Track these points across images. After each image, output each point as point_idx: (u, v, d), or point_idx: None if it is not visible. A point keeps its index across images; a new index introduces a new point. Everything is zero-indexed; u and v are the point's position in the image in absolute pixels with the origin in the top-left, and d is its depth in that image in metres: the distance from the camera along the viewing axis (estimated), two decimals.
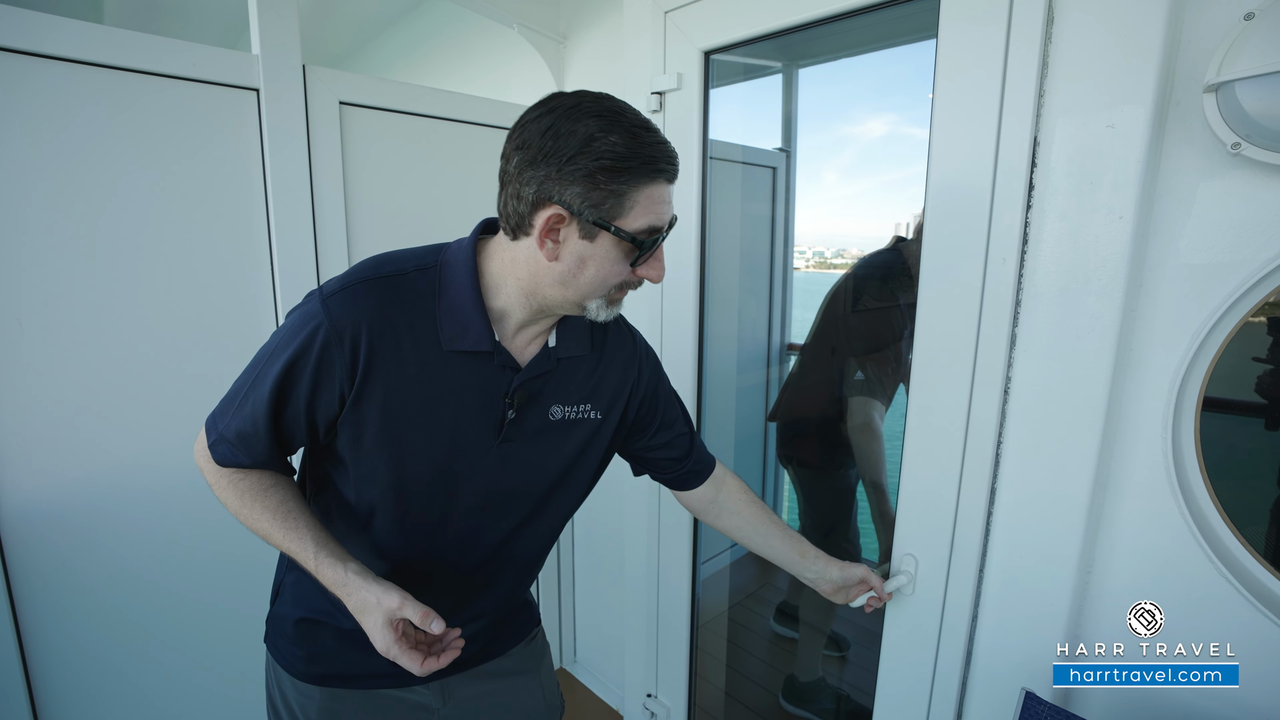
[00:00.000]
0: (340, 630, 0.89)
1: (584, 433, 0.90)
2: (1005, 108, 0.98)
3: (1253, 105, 0.77)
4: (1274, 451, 1.03)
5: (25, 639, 1.22)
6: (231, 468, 0.82)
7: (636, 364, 0.96)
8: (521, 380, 0.83)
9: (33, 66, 1.12)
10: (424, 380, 0.78)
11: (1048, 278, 0.99)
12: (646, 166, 0.70)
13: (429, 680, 0.95)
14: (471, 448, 0.83)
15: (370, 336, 0.75)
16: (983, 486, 1.08)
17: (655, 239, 0.75)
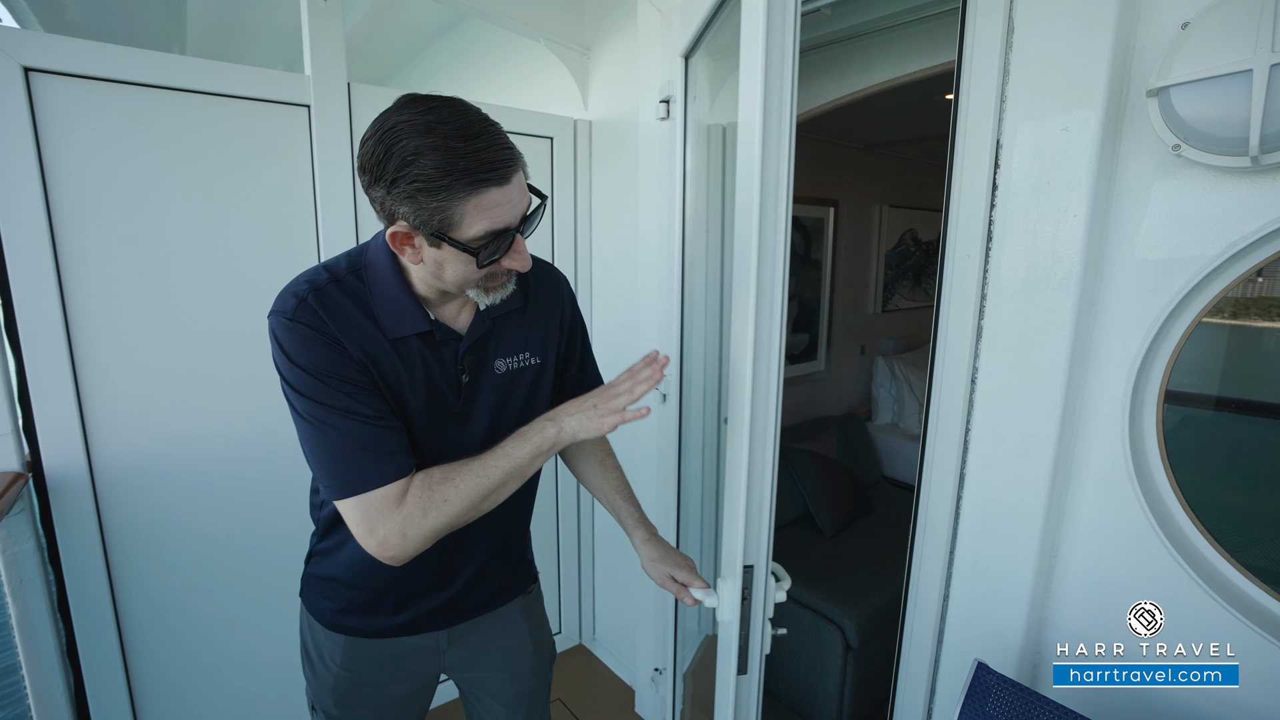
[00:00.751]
0: (358, 590, 1.02)
1: (528, 378, 0.98)
2: (968, 110, 1.04)
3: (1185, 109, 0.82)
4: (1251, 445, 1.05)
5: (114, 577, 1.44)
6: (401, 479, 0.82)
7: (559, 308, 1.03)
8: (466, 345, 0.90)
9: (126, 92, 1.32)
10: (390, 362, 0.85)
11: (1011, 273, 1.04)
12: (464, 179, 0.71)
13: (440, 628, 1.08)
14: (440, 409, 0.91)
15: (338, 328, 0.82)
16: (953, 476, 1.14)
17: (500, 239, 0.77)
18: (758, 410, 0.84)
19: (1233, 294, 0.92)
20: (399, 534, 0.80)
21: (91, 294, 1.34)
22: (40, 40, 1.23)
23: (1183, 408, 1.00)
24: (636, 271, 1.77)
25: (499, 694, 1.16)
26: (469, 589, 1.05)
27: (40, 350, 1.30)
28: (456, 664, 1.13)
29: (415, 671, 1.10)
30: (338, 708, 1.07)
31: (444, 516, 0.82)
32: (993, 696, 0.97)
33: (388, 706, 1.10)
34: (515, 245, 0.80)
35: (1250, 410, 1.04)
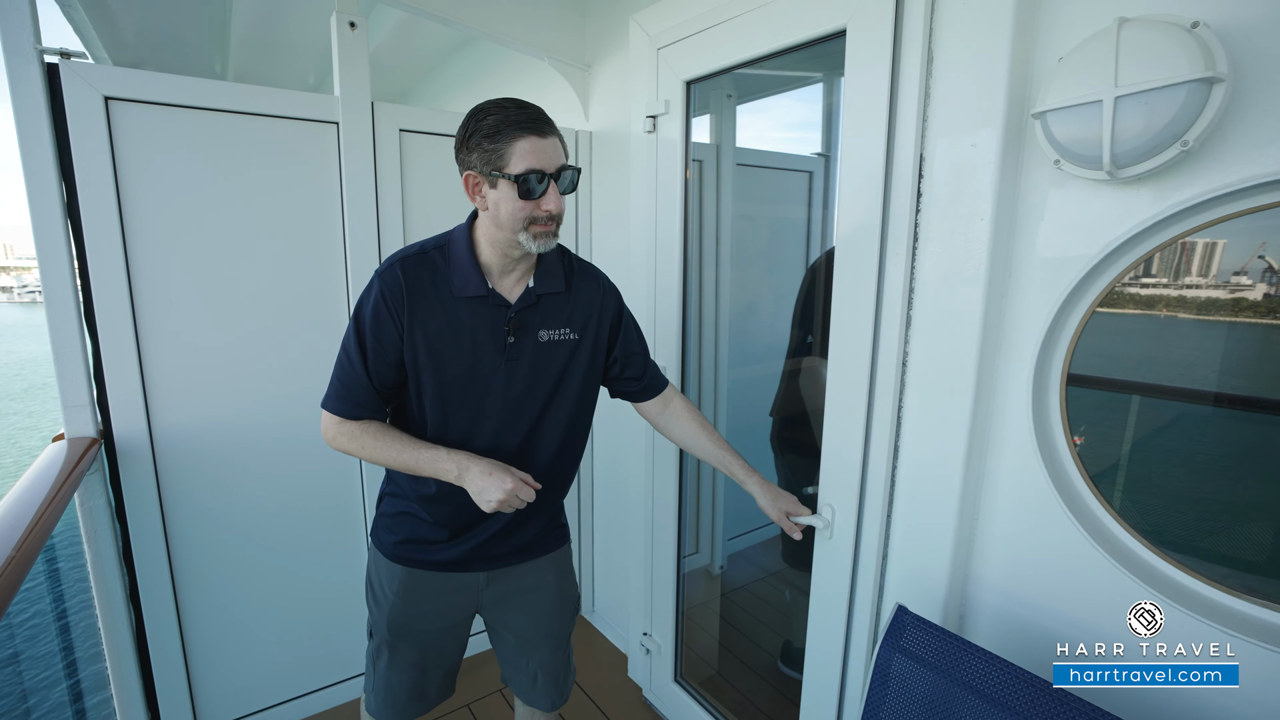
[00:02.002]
0: (420, 520, 1.25)
1: (566, 350, 1.22)
2: (898, 129, 1.20)
3: (1059, 131, 0.97)
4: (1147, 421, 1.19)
5: (169, 530, 1.67)
6: (347, 420, 1.17)
7: (600, 298, 1.27)
8: (513, 313, 1.16)
9: (184, 114, 1.55)
10: (447, 318, 1.14)
11: (933, 269, 1.20)
12: (512, 128, 1.01)
13: (482, 569, 1.30)
14: (486, 364, 1.16)
15: (409, 291, 1.12)
16: (887, 448, 1.29)
17: (540, 176, 1.03)
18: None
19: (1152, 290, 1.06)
20: (330, 439, 1.20)
21: (154, 289, 1.58)
22: (117, 73, 1.46)
23: (1100, 391, 1.15)
24: (629, 269, 1.95)
25: (522, 631, 1.37)
26: (504, 535, 1.27)
27: (113, 336, 1.53)
28: (491, 601, 1.34)
29: (457, 605, 1.32)
30: (391, 634, 1.31)
31: (354, 452, 1.18)
32: (907, 632, 1.13)
33: (432, 637, 1.33)
34: (550, 189, 1.05)
35: (1156, 393, 1.18)
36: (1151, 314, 1.09)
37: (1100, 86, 0.90)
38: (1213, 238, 0.97)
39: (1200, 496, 1.12)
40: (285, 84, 3.69)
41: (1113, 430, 1.18)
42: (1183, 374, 1.13)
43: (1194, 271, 1.01)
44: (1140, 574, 1.03)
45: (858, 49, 1.24)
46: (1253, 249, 0.96)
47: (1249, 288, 0.96)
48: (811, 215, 2.17)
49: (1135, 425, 1.19)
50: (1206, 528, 1.11)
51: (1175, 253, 1.01)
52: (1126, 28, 0.88)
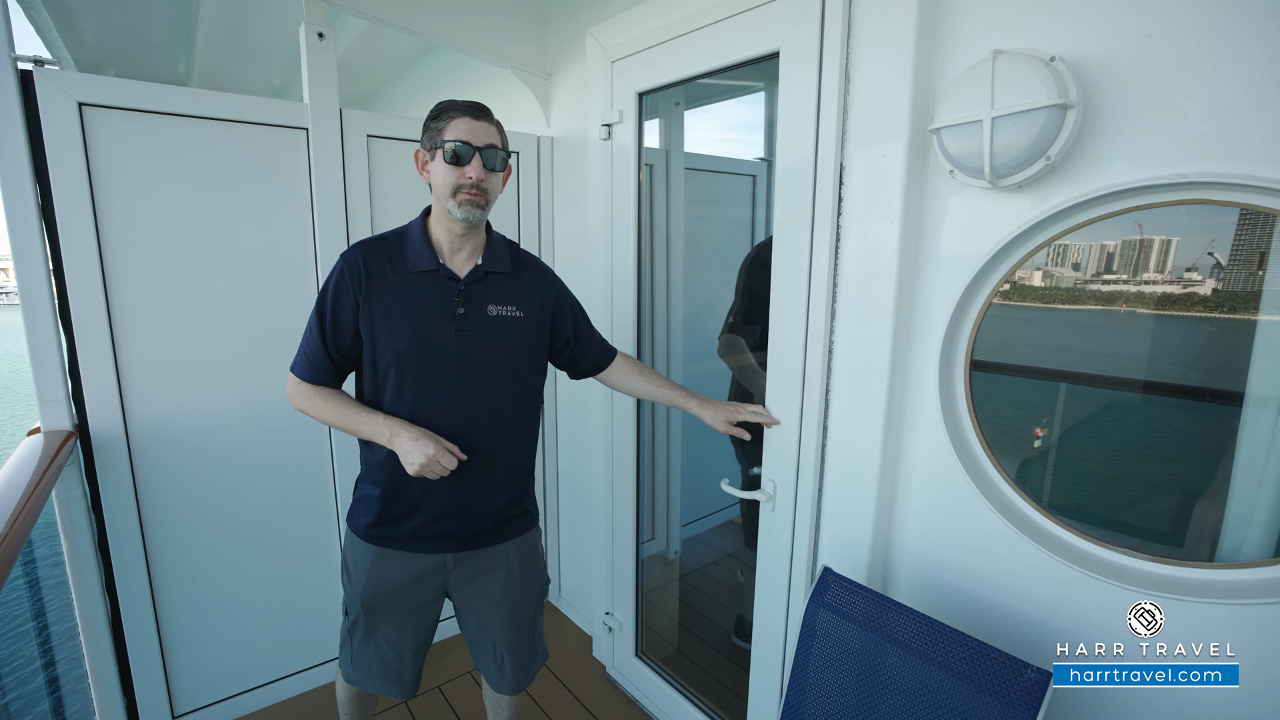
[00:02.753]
0: (377, 499, 1.35)
1: (513, 325, 1.35)
2: (821, 140, 1.34)
3: (950, 145, 1.12)
4: (1038, 402, 1.35)
5: (144, 521, 1.73)
6: (305, 382, 1.32)
7: (544, 286, 1.43)
8: (463, 285, 1.31)
9: (158, 120, 1.62)
10: (403, 290, 1.28)
11: (853, 266, 1.34)
12: (452, 110, 1.25)
13: (450, 550, 1.39)
14: (437, 333, 1.29)
15: (366, 268, 1.28)
16: (817, 427, 1.43)
17: (467, 146, 1.22)
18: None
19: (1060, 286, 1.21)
20: (290, 397, 1.35)
21: (128, 286, 1.64)
22: (90, 80, 1.52)
23: (1002, 376, 1.30)
24: (588, 268, 2.07)
25: (483, 612, 1.46)
26: (457, 513, 1.36)
27: (87, 331, 1.59)
28: (458, 583, 1.43)
29: (426, 585, 1.41)
30: (365, 612, 1.40)
31: (308, 411, 1.33)
32: (830, 590, 1.27)
33: (404, 615, 1.41)
34: (475, 160, 1.23)
35: (1051, 376, 1.35)
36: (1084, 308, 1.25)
37: (980, 108, 1.05)
38: (1145, 235, 1.12)
39: (1118, 474, 1.26)
40: (251, 86, 3.71)
41: (1015, 409, 1.34)
42: (1110, 364, 1.28)
43: (1151, 268, 1.09)
44: (1032, 534, 1.18)
45: (789, 69, 1.38)
46: (1202, 247, 1.03)
47: (1199, 283, 1.04)
48: (756, 216, 2.31)
49: (1036, 404, 1.36)
50: (1120, 500, 1.25)
51: (1135, 250, 1.10)
52: (1000, 59, 1.03)
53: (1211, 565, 1.02)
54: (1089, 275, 1.18)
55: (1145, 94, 0.97)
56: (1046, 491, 1.27)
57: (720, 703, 1.97)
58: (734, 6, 1.47)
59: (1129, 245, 1.11)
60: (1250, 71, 0.88)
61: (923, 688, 1.11)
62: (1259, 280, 1.00)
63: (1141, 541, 1.13)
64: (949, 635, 1.10)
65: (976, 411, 1.29)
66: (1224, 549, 1.07)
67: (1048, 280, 1.22)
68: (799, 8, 1.34)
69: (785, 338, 1.47)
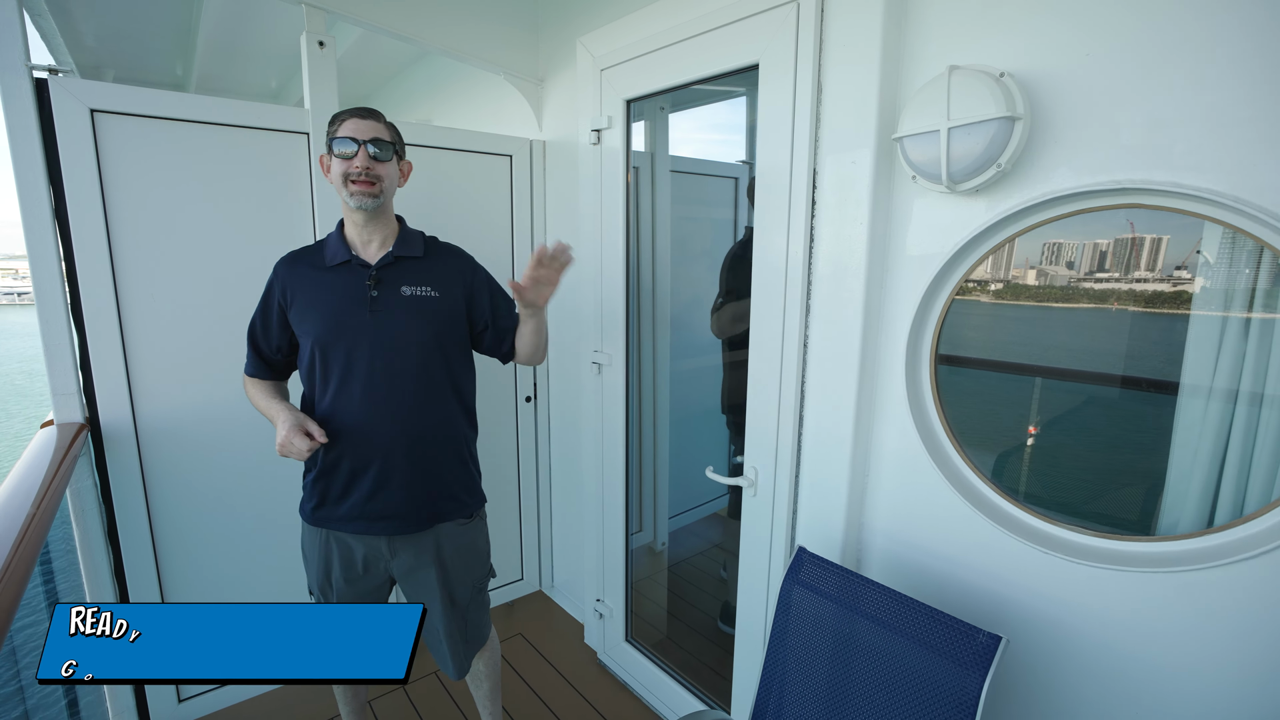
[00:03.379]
0: (320, 481, 1.46)
1: (429, 305, 1.46)
2: (796, 147, 1.43)
3: (912, 153, 1.21)
4: (997, 393, 1.44)
5: (151, 510, 1.80)
6: (247, 376, 1.52)
7: (459, 265, 1.55)
8: (374, 270, 1.44)
9: (166, 126, 1.69)
10: (322, 283, 1.44)
11: (826, 265, 1.43)
12: (343, 115, 1.41)
13: (381, 534, 1.47)
14: (354, 318, 1.41)
15: (289, 272, 1.47)
16: (794, 417, 1.52)
17: (353, 140, 1.37)
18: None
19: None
20: (245, 389, 1.54)
21: (137, 284, 1.71)
22: (102, 88, 1.59)
23: (967, 369, 1.39)
24: (580, 265, 2.15)
25: (425, 603, 1.51)
26: (389, 494, 1.45)
27: (98, 328, 1.66)
28: (399, 573, 1.53)
29: (370, 572, 1.51)
30: (321, 592, 1.51)
31: (250, 399, 1.52)
32: (805, 567, 1.36)
33: (353, 600, 1.52)
34: (360, 153, 1.38)
35: (1004, 368, 1.44)
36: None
37: (938, 119, 1.14)
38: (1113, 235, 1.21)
39: (1093, 465, 1.33)
40: (248, 88, 3.78)
41: (974, 399, 1.44)
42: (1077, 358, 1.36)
43: (1143, 266, 1.12)
44: (990, 514, 1.27)
45: (767, 80, 1.47)
46: (1190, 246, 1.06)
47: (1188, 281, 1.07)
48: (738, 217, 2.40)
49: (995, 395, 1.45)
50: (1091, 489, 1.33)
51: (1126, 249, 1.14)
52: (955, 74, 1.12)
53: (1146, 539, 1.12)
54: (1082, 273, 1.21)
55: (1085, 108, 1.07)
56: (1023, 482, 1.36)
57: (707, 685, 2.06)
58: (716, 20, 1.55)
59: (1121, 244, 1.15)
60: (1173, 90, 0.97)
61: (888, 655, 1.20)
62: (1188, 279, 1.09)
63: (1109, 527, 1.20)
64: (910, 606, 1.19)
65: (942, 401, 1.38)
66: (1162, 526, 1.17)
67: (1042, 279, 1.27)
68: (776, 24, 1.42)
69: (764, 332, 1.55)
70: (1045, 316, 1.33)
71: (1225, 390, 1.07)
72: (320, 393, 1.44)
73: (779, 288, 1.51)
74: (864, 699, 1.22)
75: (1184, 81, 0.96)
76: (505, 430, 2.52)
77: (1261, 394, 1.04)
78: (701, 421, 2.43)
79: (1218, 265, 1.05)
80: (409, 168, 1.52)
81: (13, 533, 1.10)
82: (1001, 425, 1.44)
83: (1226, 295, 1.05)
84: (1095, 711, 1.17)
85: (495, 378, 2.45)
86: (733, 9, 1.51)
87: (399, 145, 1.46)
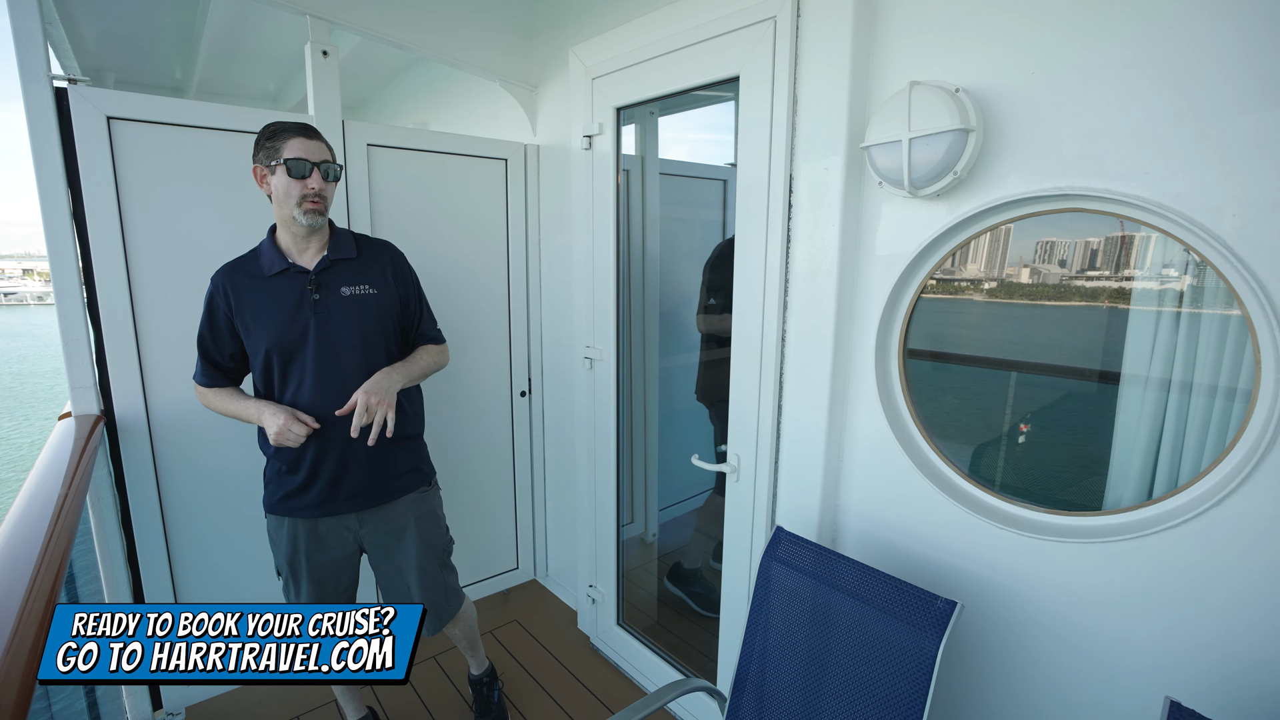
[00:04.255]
0: (283, 474, 1.58)
1: (370, 301, 1.58)
2: (774, 154, 1.53)
3: (878, 160, 1.31)
4: (965, 385, 1.55)
5: (163, 498, 1.88)
6: (203, 387, 1.59)
7: (388, 259, 1.66)
8: (313, 274, 1.54)
9: (177, 132, 1.77)
10: (265, 292, 1.52)
11: (802, 264, 1.53)
12: (286, 132, 1.46)
13: (348, 511, 1.61)
14: (299, 320, 1.51)
15: (230, 283, 1.52)
16: (773, 407, 1.63)
17: (305, 163, 1.44)
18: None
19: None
20: (200, 400, 1.62)
21: (150, 283, 1.79)
22: (118, 96, 1.68)
23: (937, 363, 1.49)
24: (570, 265, 2.25)
25: (396, 568, 1.70)
26: (347, 476, 1.58)
27: (114, 325, 1.75)
28: (369, 542, 1.67)
29: (337, 543, 1.64)
30: (290, 571, 1.63)
31: (210, 407, 1.61)
32: (782, 545, 1.46)
33: (322, 568, 1.64)
34: (313, 175, 1.46)
35: (964, 361, 1.54)
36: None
37: (900, 130, 1.24)
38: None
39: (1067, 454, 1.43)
40: (247, 90, 3.85)
41: (940, 389, 1.54)
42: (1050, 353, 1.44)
43: (1132, 264, 1.16)
44: (957, 497, 1.38)
45: (747, 91, 1.57)
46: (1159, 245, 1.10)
47: (1175, 279, 1.13)
48: (726, 218, 2.50)
49: (956, 386, 1.55)
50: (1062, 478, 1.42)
51: (1117, 247, 1.19)
52: (915, 89, 1.23)
53: (1091, 514, 1.22)
54: (1074, 271, 1.26)
55: (1031, 121, 1.17)
56: (999, 472, 1.45)
57: (696, 665, 2.16)
58: (700, 35, 1.66)
59: (1111, 242, 1.20)
60: (1106, 107, 1.08)
61: (859, 623, 1.30)
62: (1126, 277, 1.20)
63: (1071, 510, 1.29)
64: (878, 578, 1.30)
65: (910, 391, 1.49)
66: (1107, 503, 1.27)
67: (1035, 277, 1.32)
68: (755, 40, 1.53)
69: (746, 327, 1.65)
70: (1012, 313, 1.44)
71: (1160, 379, 1.18)
72: (278, 394, 1.55)
73: (758, 285, 1.61)
74: (837, 665, 1.32)
75: (1115, 99, 1.07)
76: (500, 424, 2.62)
77: (1191, 381, 1.15)
78: (689, 416, 2.52)
79: (1152, 268, 1.16)
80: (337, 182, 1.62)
81: (47, 512, 1.19)
82: (978, 417, 1.54)
83: (1160, 294, 1.16)
84: (1048, 670, 1.27)
85: (491, 374, 2.55)
86: (715, 24, 1.61)
87: (339, 165, 1.56)
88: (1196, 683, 1.09)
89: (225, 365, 1.58)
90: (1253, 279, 0.96)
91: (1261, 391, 1.01)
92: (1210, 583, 1.06)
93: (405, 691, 2.19)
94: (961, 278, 1.42)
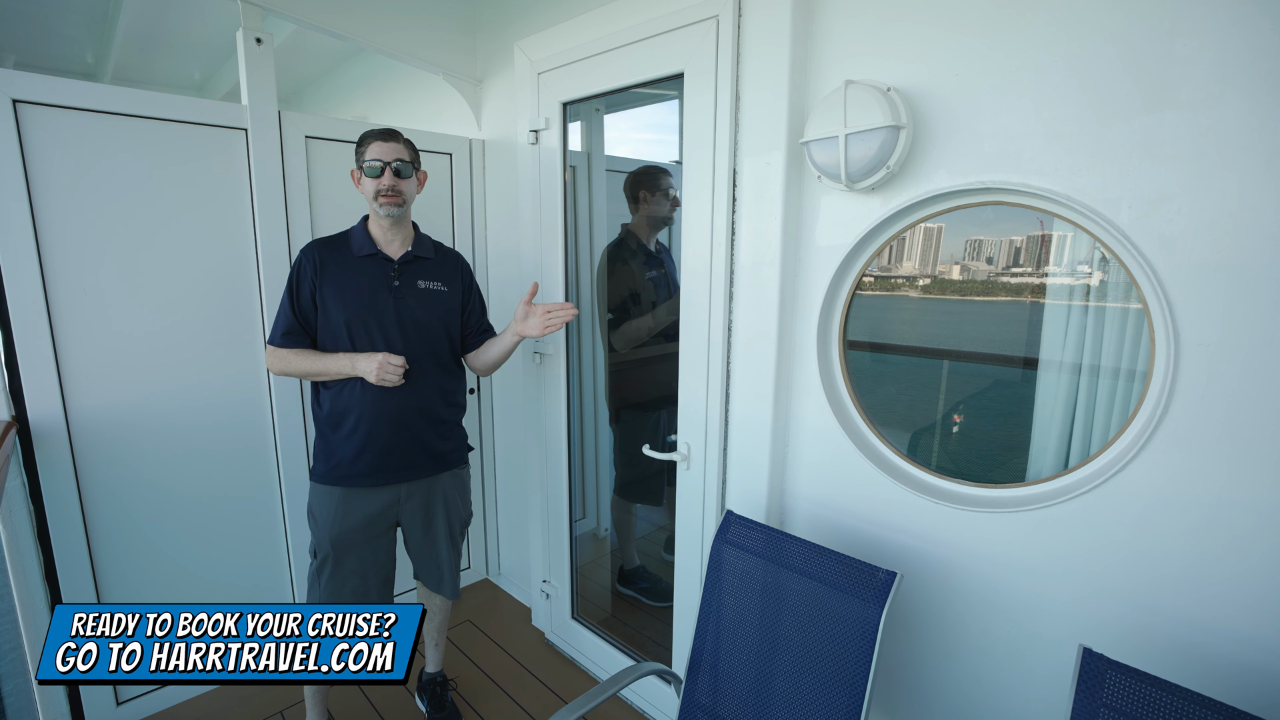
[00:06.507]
0: (337, 445, 1.68)
1: (441, 298, 1.76)
2: (718, 148, 1.57)
3: (816, 156, 1.37)
4: (903, 374, 1.63)
5: (86, 509, 1.77)
6: (281, 348, 1.66)
7: (460, 267, 1.84)
8: (397, 264, 1.71)
9: (97, 119, 1.67)
10: (350, 270, 1.67)
11: (746, 255, 1.58)
12: (368, 138, 1.65)
13: (397, 482, 1.72)
14: (380, 300, 1.67)
15: (321, 257, 1.66)
16: (721, 395, 1.67)
17: (378, 163, 1.62)
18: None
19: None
20: (269, 363, 1.70)
21: (68, 281, 1.68)
22: (25, 78, 1.57)
23: (876, 353, 1.57)
24: (519, 263, 2.24)
25: (432, 533, 1.83)
26: (403, 448, 1.71)
27: (25, 326, 1.63)
28: (408, 512, 1.77)
29: (380, 516, 1.73)
30: (333, 548, 1.69)
31: (284, 369, 1.68)
32: (732, 528, 1.51)
33: (364, 545, 1.72)
34: (385, 173, 1.63)
35: (901, 351, 1.63)
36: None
37: (836, 126, 1.31)
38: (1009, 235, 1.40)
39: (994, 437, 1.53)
40: (169, 80, 3.65)
41: (879, 378, 1.62)
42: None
43: (1051, 261, 1.26)
44: (896, 476, 1.45)
45: (692, 87, 1.61)
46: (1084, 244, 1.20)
47: (1087, 275, 1.22)
48: (675, 214, 2.54)
49: (895, 375, 1.64)
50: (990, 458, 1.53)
51: (1038, 245, 1.29)
52: (850, 88, 1.29)
53: (1014, 485, 1.32)
54: (1000, 268, 1.35)
55: (955, 119, 1.25)
56: (935, 454, 1.53)
57: (653, 655, 2.19)
58: (646, 31, 1.68)
59: (1032, 240, 1.29)
60: (1020, 107, 1.17)
61: (807, 599, 1.36)
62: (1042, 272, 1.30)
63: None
64: (824, 554, 1.36)
65: (851, 377, 1.56)
66: (1029, 475, 1.37)
67: (965, 273, 1.41)
68: (698, 38, 1.57)
69: (693, 318, 1.69)
70: (945, 307, 1.53)
71: (1072, 364, 1.28)
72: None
73: (704, 277, 1.65)
74: (787, 640, 1.38)
75: (1029, 101, 1.16)
76: None
77: (1099, 365, 1.26)
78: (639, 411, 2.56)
79: (1068, 264, 1.26)
80: (425, 176, 1.77)
81: None
82: (915, 404, 1.63)
83: (1072, 289, 1.26)
84: (979, 631, 1.36)
85: None
86: (660, 22, 1.64)
87: (416, 161, 1.71)
88: (1106, 630, 1.19)
89: (305, 325, 1.67)
90: (1147, 265, 1.06)
91: (1155, 369, 1.12)
92: (1115, 540, 1.16)
93: (353, 694, 2.13)
94: (898, 275, 1.50)
